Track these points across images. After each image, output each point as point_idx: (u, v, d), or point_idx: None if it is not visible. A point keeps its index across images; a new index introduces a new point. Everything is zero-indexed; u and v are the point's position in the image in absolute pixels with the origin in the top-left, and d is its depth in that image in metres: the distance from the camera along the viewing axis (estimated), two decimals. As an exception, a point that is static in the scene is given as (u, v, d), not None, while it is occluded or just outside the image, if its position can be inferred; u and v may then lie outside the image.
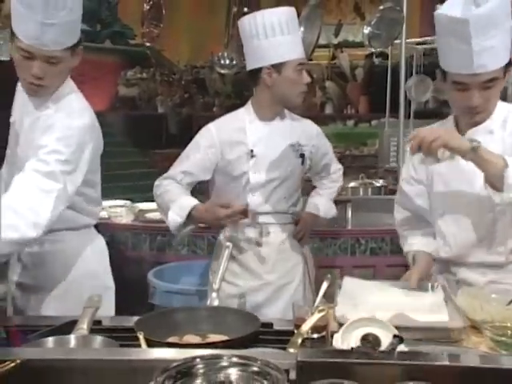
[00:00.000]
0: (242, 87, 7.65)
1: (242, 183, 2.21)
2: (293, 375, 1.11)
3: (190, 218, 2.08)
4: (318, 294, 1.64)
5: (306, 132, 2.30)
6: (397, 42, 3.93)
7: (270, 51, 2.12)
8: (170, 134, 8.26)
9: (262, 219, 2.23)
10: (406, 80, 4.12)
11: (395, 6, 3.27)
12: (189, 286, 2.87)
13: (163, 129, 8.30)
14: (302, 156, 2.25)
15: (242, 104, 2.35)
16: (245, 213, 2.00)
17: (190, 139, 2.29)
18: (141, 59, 8.70)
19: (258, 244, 2.23)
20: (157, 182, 2.24)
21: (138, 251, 3.32)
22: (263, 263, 2.23)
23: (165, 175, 2.24)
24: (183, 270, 3.08)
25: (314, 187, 2.53)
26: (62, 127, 1.73)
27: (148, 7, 4.06)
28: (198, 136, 2.25)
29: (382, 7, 3.31)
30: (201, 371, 0.99)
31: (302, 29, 3.48)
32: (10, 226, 1.54)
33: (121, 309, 2.13)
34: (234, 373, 1.00)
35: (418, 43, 5.55)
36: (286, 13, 2.17)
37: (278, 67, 2.14)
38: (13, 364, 1.07)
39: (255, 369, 0.99)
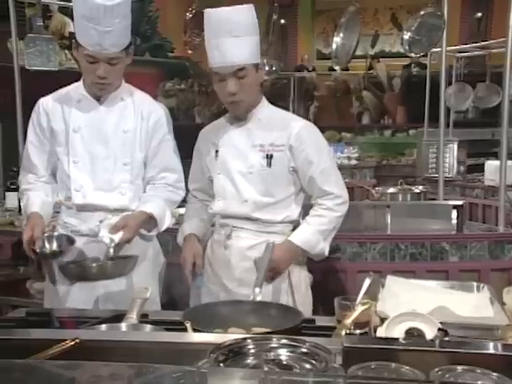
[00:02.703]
0: (277, 97, 7.70)
1: (213, 186, 2.13)
2: (339, 360, 1.14)
3: None
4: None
5: (286, 131, 2.04)
6: (436, 50, 3.92)
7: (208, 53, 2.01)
8: (207, 144, 8.37)
9: (228, 222, 2.09)
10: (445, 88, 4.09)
11: (436, 11, 3.26)
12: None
13: (201, 139, 8.43)
14: (269, 157, 2.03)
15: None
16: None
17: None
18: (179, 71, 8.87)
19: (224, 247, 2.09)
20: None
21: (179, 255, 3.38)
22: (225, 268, 2.08)
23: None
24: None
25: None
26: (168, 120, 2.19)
27: (190, 16, 4.16)
28: None
29: (422, 12, 3.32)
30: (252, 351, 1.03)
31: (341, 35, 3.54)
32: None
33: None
34: (283, 353, 1.03)
35: (458, 51, 5.50)
36: (232, 12, 1.96)
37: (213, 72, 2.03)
38: (72, 343, 1.13)
39: (304, 350, 1.03)
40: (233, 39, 1.94)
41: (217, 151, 2.11)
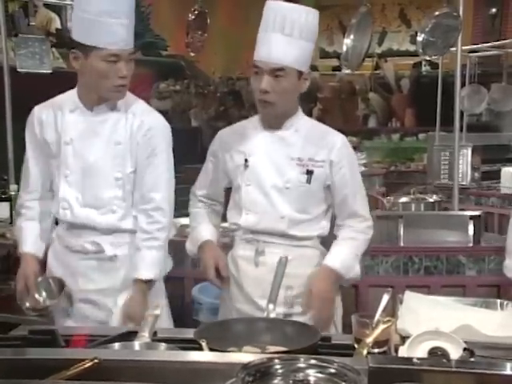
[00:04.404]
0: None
1: (240, 197, 2.12)
2: (364, 381, 1.19)
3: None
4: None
5: (327, 146, 2.08)
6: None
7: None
8: (204, 149, 8.33)
9: (258, 237, 2.10)
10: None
11: (452, 12, 3.33)
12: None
13: (197, 143, 8.45)
14: (310, 173, 2.05)
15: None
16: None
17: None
18: (174, 71, 8.90)
19: (255, 263, 2.09)
20: (190, 196, 2.34)
21: (181, 268, 3.40)
22: (257, 285, 2.06)
23: (191, 189, 2.32)
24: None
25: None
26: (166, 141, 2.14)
27: (193, 17, 4.22)
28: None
29: (437, 13, 3.39)
30: (279, 371, 1.08)
31: (351, 37, 3.61)
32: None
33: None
34: (311, 374, 1.08)
35: (472, 51, 5.57)
36: (290, 10, 2.00)
37: None
38: (90, 363, 1.18)
39: (332, 370, 1.07)
40: (282, 37, 1.96)
41: (246, 160, 2.09)
